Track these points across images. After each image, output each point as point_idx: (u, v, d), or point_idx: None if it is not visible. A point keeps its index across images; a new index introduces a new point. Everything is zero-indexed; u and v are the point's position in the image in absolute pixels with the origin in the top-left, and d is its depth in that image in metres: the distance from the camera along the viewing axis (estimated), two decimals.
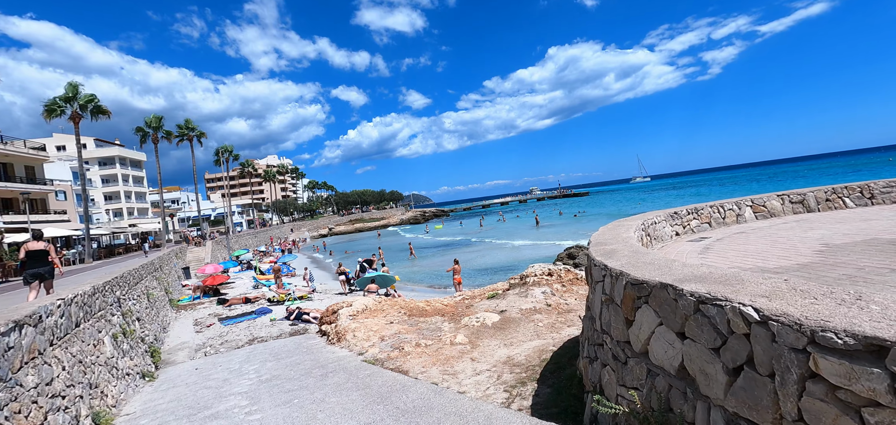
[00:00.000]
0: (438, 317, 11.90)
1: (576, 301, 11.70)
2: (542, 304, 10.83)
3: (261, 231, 78.42)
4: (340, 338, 10.75)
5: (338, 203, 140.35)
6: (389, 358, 8.29)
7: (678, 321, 2.68)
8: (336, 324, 11.92)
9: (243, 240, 63.51)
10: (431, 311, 12.78)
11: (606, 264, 3.70)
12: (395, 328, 10.49)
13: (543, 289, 11.79)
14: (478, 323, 9.57)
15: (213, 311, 21.36)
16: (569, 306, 11.07)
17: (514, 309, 10.58)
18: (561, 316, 10.27)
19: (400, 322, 11.50)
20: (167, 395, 9.18)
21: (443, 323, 10.49)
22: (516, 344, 8.29)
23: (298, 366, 9.22)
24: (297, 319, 17.45)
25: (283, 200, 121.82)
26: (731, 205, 8.78)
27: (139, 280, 16.31)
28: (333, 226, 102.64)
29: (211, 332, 17.35)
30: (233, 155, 63.65)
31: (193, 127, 52.32)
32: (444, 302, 14.45)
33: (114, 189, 67.35)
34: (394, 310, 12.96)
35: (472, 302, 14.14)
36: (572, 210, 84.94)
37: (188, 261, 42.60)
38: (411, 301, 15.01)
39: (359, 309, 12.95)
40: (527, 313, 10.27)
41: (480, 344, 8.51)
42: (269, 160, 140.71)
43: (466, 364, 7.50)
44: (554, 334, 8.90)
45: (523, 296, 11.50)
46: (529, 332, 9.03)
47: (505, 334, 9.01)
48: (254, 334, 16.38)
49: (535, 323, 9.54)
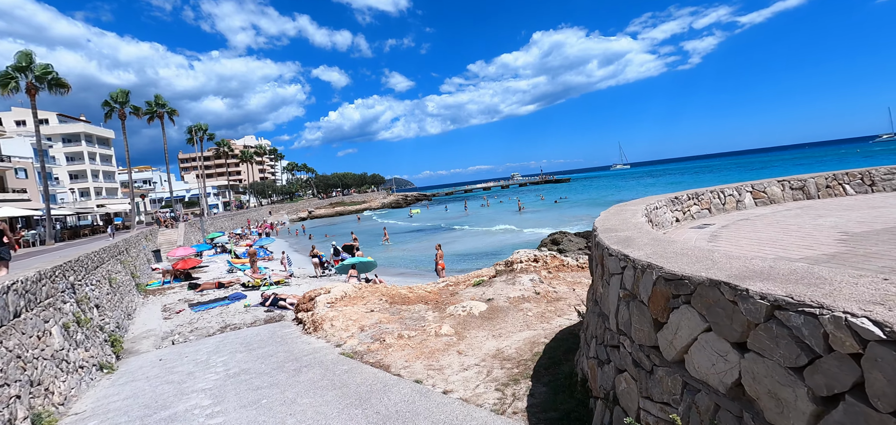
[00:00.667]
0: (422, 305, 11.30)
1: (565, 289, 11.25)
2: (531, 292, 10.34)
3: (237, 213, 76.24)
4: (317, 328, 10.06)
5: (318, 186, 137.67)
6: (369, 350, 7.65)
7: (736, 329, 2.12)
8: (313, 312, 11.20)
9: (219, 222, 61.52)
10: (414, 299, 12.17)
11: (627, 254, 3.12)
12: (375, 317, 9.85)
13: (531, 277, 11.30)
14: (464, 312, 9.00)
15: (183, 297, 20.33)
16: (558, 294, 10.61)
17: (502, 297, 10.05)
18: (550, 305, 9.79)
19: (381, 310, 10.85)
20: (124, 390, 8.37)
21: (427, 313, 9.89)
22: (505, 336, 7.76)
23: (270, 359, 8.51)
24: (273, 305, 16.66)
25: (261, 182, 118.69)
26: (732, 190, 8.37)
27: (100, 263, 15.20)
28: (313, 209, 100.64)
29: (180, 319, 16.41)
30: (207, 134, 61.22)
31: (164, 103, 49.99)
32: (428, 288, 13.85)
33: (79, 167, 64.14)
34: (375, 297, 12.30)
35: (457, 289, 13.58)
36: (554, 196, 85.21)
37: (159, 243, 40.88)
38: (393, 287, 14.38)
39: (337, 296, 12.24)
40: (515, 302, 9.76)
41: (467, 335, 7.94)
42: (247, 141, 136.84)
43: (453, 358, 6.93)
44: (544, 324, 8.40)
45: (511, 284, 10.98)
46: (519, 322, 8.52)
47: (493, 324, 8.47)
48: (226, 321, 15.54)
49: (525, 313, 9.03)
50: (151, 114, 49.72)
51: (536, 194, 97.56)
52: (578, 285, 11.88)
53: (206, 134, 61.05)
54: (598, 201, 70.16)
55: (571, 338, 7.13)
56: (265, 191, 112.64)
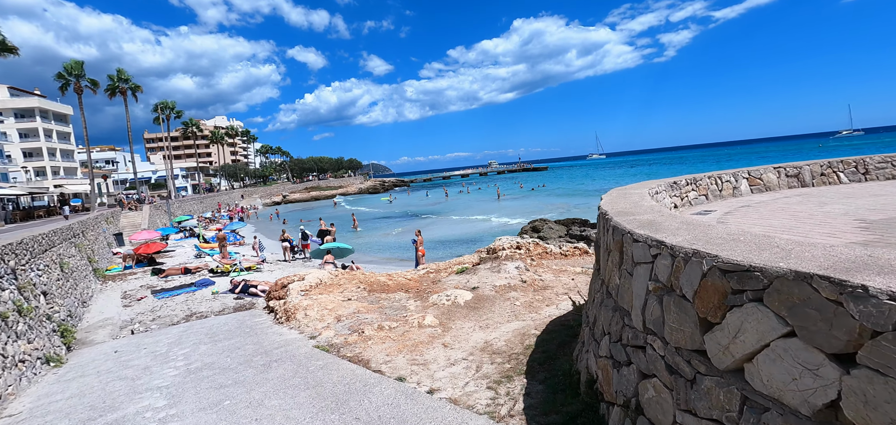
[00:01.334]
0: (402, 293, 10.71)
1: (551, 277, 10.84)
2: (517, 280, 9.88)
3: (207, 196, 73.53)
4: (290, 317, 9.34)
5: (293, 169, 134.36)
6: (347, 343, 7.02)
7: (839, 336, 1.63)
8: (285, 301, 10.46)
9: (188, 205, 59.10)
10: (394, 287, 11.56)
11: (661, 240, 2.61)
12: (353, 306, 9.20)
13: (517, 264, 10.84)
14: (448, 301, 8.45)
15: (146, 283, 19.13)
16: (544, 282, 10.19)
17: (487, 285, 9.55)
18: (538, 293, 9.36)
19: (359, 299, 10.21)
20: (70, 387, 7.50)
21: (408, 301, 9.31)
22: (493, 327, 7.26)
23: (237, 352, 7.78)
24: (243, 292, 15.77)
25: (233, 165, 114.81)
26: (729, 176, 8.06)
27: (49, 247, 13.96)
28: (288, 193, 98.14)
29: (141, 307, 15.36)
30: (175, 112, 58.30)
31: (127, 78, 47.22)
32: (408, 276, 13.26)
33: (34, 145, 60.22)
34: (352, 284, 11.64)
35: (439, 276, 13.04)
36: (532, 183, 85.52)
37: (122, 226, 38.80)
38: (371, 274, 13.73)
39: (312, 283, 11.52)
40: (501, 290, 9.28)
41: (453, 326, 7.41)
42: (218, 121, 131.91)
43: (438, 351, 6.38)
44: (533, 314, 7.95)
45: (496, 272, 10.51)
46: (506, 312, 8.04)
47: (479, 314, 7.97)
48: (192, 309, 14.61)
49: (512, 302, 8.56)
50: (113, 89, 46.92)
51: (514, 182, 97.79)
52: (563, 273, 11.51)
53: (174, 112, 58.15)
54: (576, 190, 70.71)
55: (564, 330, 6.69)
56: (237, 174, 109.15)
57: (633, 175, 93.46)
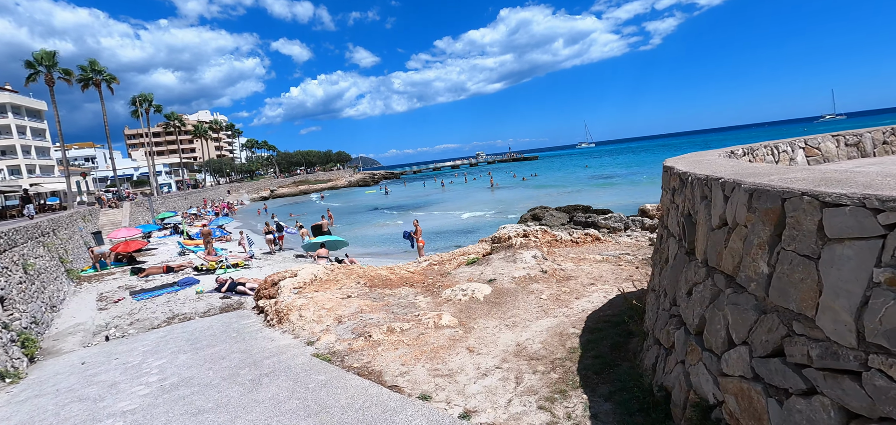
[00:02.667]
0: (408, 288, 9.63)
1: (571, 266, 9.84)
2: (537, 271, 8.87)
3: (192, 192, 71.34)
4: (282, 319, 8.20)
5: (280, 164, 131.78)
6: (352, 350, 5.93)
7: None
8: (277, 300, 9.30)
9: (171, 201, 57.08)
10: (397, 281, 10.47)
11: None
12: (355, 304, 8.09)
13: (534, 253, 9.82)
14: (465, 296, 7.40)
15: (124, 283, 17.78)
16: (566, 272, 9.19)
17: (505, 277, 8.51)
18: (562, 285, 8.35)
19: (360, 295, 9.10)
20: (20, 412, 6.30)
21: (417, 298, 8.23)
22: (522, 325, 6.23)
23: (221, 363, 6.64)
24: (230, 291, 14.57)
25: (218, 160, 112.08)
26: (785, 146, 7.14)
27: (9, 247, 12.58)
28: (276, 187, 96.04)
29: (118, 310, 14.07)
30: (154, 105, 56.01)
31: (101, 69, 45.04)
32: (411, 269, 12.18)
33: (7, 142, 57.53)
34: (350, 279, 10.51)
35: (445, 268, 11.98)
36: (524, 173, 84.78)
37: (101, 224, 37.00)
38: (370, 268, 12.60)
39: (306, 279, 10.37)
40: (521, 282, 8.25)
41: (475, 325, 6.36)
42: (201, 116, 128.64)
43: (464, 357, 5.33)
44: (564, 309, 6.93)
45: (511, 262, 9.47)
46: (532, 307, 7.01)
47: (503, 311, 6.93)
48: (174, 310, 13.38)
49: (537, 296, 7.53)
50: (86, 81, 44.73)
51: (507, 172, 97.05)
52: (583, 261, 10.52)
53: (152, 105, 55.87)
54: (570, 178, 70.08)
55: (610, 328, 5.67)
56: (223, 169, 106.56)
57: (624, 162, 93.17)
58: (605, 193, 40.82)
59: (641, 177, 56.61)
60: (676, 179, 3.80)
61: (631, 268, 9.46)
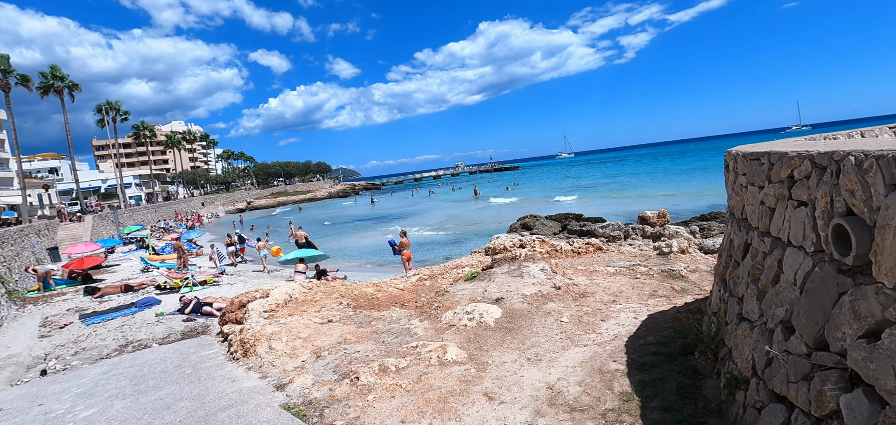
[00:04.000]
0: (398, 308, 8.30)
1: (583, 280, 8.69)
2: (548, 286, 7.68)
3: (163, 205, 68.22)
4: (248, 352, 6.77)
5: (257, 175, 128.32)
6: (334, 399, 4.58)
7: None
8: (243, 327, 7.85)
9: (140, 214, 54.17)
10: (386, 300, 9.12)
11: None
12: (336, 332, 6.73)
13: (541, 266, 8.63)
14: (472, 321, 6.13)
15: (75, 305, 15.89)
16: (581, 288, 8.02)
17: (514, 295, 7.29)
18: (579, 303, 7.18)
19: (343, 319, 7.73)
20: None
21: (412, 322, 6.92)
22: (548, 359, 5.01)
23: (164, 415, 5.19)
24: (195, 312, 13.01)
25: (192, 171, 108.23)
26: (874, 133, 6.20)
27: None
28: (253, 199, 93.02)
29: (63, 336, 12.33)
30: (122, 113, 53.18)
31: (63, 76, 42.46)
32: (399, 285, 10.85)
33: None
34: (331, 299, 9.12)
35: (438, 283, 10.70)
36: (506, 182, 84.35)
37: (60, 239, 34.40)
38: (353, 285, 11.20)
39: (278, 300, 8.93)
40: (534, 301, 7.04)
41: (489, 360, 5.10)
42: (174, 126, 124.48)
43: (483, 409, 4.06)
44: (592, 334, 5.74)
45: (517, 276, 8.27)
46: (555, 333, 5.80)
47: (520, 339, 5.69)
48: (128, 336, 11.76)
49: (556, 318, 6.33)
50: (46, 87, 42.06)
51: (489, 181, 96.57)
52: (595, 274, 9.39)
53: (121, 114, 53.07)
54: (552, 186, 69.72)
55: (664, 362, 4.49)
56: (197, 180, 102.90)
57: (604, 172, 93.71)
58: (591, 202, 40.22)
59: (624, 186, 56.52)
60: (806, 164, 2.63)
61: (652, 282, 8.37)
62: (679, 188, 44.95)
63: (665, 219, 15.63)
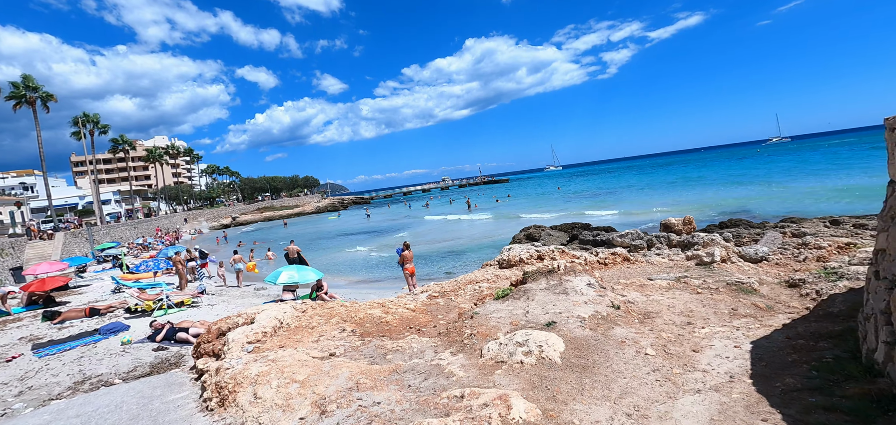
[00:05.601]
0: (415, 335, 6.72)
1: (639, 295, 7.21)
2: (604, 306, 6.19)
3: (144, 221, 65.43)
4: (226, 401, 5.11)
5: (243, 190, 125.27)
6: None
7: None
8: (221, 363, 6.16)
9: (118, 231, 51.52)
10: (398, 325, 7.52)
11: None
12: (344, 372, 5.12)
13: (587, 280, 7.14)
14: (528, 355, 4.59)
15: (31, 332, 13.92)
16: (639, 306, 6.54)
17: (569, 318, 5.77)
18: (645, 324, 5.70)
19: (349, 352, 6.12)
20: None
21: (440, 355, 5.35)
22: (657, 416, 3.50)
23: None
24: (168, 339, 11.24)
25: (175, 187, 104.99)
26: None
27: None
28: (238, 215, 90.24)
29: (9, 372, 10.42)
30: (99, 126, 50.76)
31: (35, 86, 40.19)
32: (409, 305, 9.23)
33: None
34: (331, 325, 7.48)
35: (456, 301, 9.13)
36: (498, 195, 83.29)
37: (27, 258, 31.98)
38: (353, 305, 9.52)
39: (267, 327, 7.25)
40: (597, 325, 5.53)
41: (574, 420, 3.57)
42: (157, 141, 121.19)
43: None
44: (694, 372, 4.24)
45: (560, 293, 6.77)
46: (644, 372, 4.30)
47: (602, 382, 4.17)
48: (86, 371, 9.94)
49: (635, 349, 4.83)
50: (18, 98, 39.75)
51: (478, 194, 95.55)
52: (644, 288, 7.93)
53: (98, 126, 50.66)
54: (545, 197, 68.79)
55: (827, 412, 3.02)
56: (180, 196, 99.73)
57: (594, 183, 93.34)
58: (592, 212, 39.06)
59: (619, 196, 55.71)
60: None
61: (720, 297, 6.93)
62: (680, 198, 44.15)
63: (691, 225, 14.35)
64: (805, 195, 34.47)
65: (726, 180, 56.39)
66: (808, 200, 31.48)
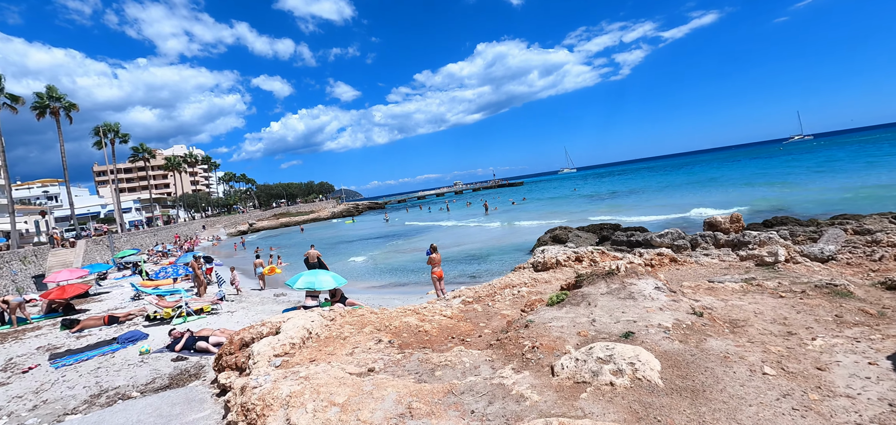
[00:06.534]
0: (462, 347, 5.95)
1: (715, 300, 6.31)
2: (685, 313, 5.33)
3: (163, 229, 66.05)
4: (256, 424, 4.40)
5: (259, 197, 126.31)
6: None
7: None
8: (246, 380, 5.47)
9: (138, 238, 51.96)
10: (439, 335, 6.75)
11: None
12: (391, 392, 4.36)
13: (655, 284, 6.28)
14: (619, 375, 3.77)
15: (49, 342, 13.52)
16: (718, 312, 5.66)
17: (650, 328, 4.92)
18: (740, 334, 4.82)
19: (390, 366, 5.37)
20: None
21: (502, 371, 4.56)
22: None
23: None
24: (188, 349, 10.65)
25: (193, 194, 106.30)
26: None
27: None
28: (255, 221, 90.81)
29: (24, 384, 9.95)
30: (120, 135, 51.32)
31: (60, 96, 40.69)
32: (445, 311, 8.45)
33: None
34: (364, 335, 6.74)
35: (494, 306, 8.32)
36: (514, 198, 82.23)
37: (49, 266, 32.11)
38: (383, 312, 8.76)
39: (294, 338, 6.54)
40: (685, 337, 4.68)
41: None
42: (176, 150, 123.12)
43: None
44: (837, 399, 3.38)
45: (626, 298, 5.93)
46: (772, 399, 3.45)
47: (725, 412, 3.34)
48: (103, 383, 9.40)
49: (750, 369, 3.96)
50: (42, 108, 40.28)
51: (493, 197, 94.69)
52: (713, 292, 7.02)
53: (119, 135, 51.23)
54: (563, 199, 67.43)
55: None
56: (198, 203, 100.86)
57: (612, 185, 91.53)
58: (612, 213, 37.83)
59: (640, 197, 54.20)
60: None
61: (811, 302, 5.99)
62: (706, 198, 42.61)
63: (740, 224, 13.29)
64: (843, 191, 32.78)
65: (751, 179, 54.47)
66: (848, 197, 29.89)
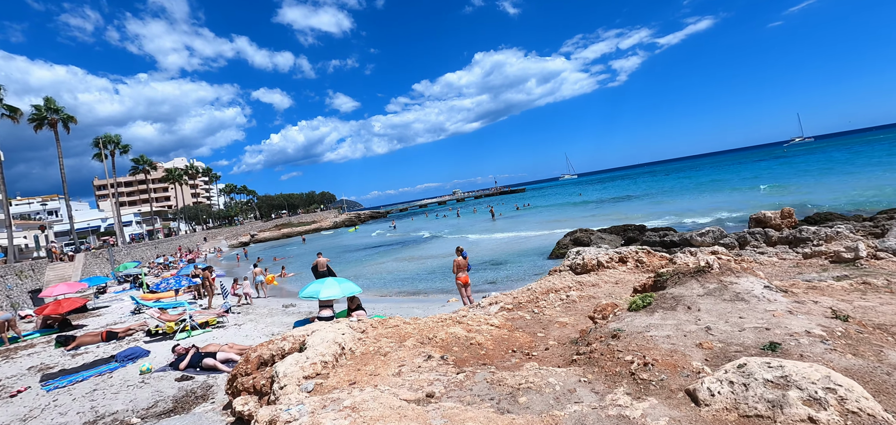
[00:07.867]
0: (530, 362, 4.87)
1: (844, 305, 5.24)
2: (827, 319, 4.25)
3: (164, 241, 64.94)
4: None
5: (261, 208, 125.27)
6: None
7: None
8: (277, 413, 4.36)
9: (139, 251, 50.84)
10: (494, 347, 5.66)
11: None
12: None
13: (763, 283, 5.21)
14: (823, 412, 2.71)
15: (42, 361, 12.43)
16: (865, 318, 4.58)
17: (794, 335, 3.84)
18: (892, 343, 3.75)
19: (452, 389, 4.29)
20: None
21: (615, 398, 3.48)
22: None
23: None
24: (194, 366, 9.55)
25: (194, 207, 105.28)
26: None
27: None
28: (256, 232, 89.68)
29: (11, 410, 8.89)
30: (120, 147, 50.37)
31: (58, 108, 39.80)
32: (491, 321, 7.35)
33: None
34: (407, 350, 5.65)
35: (541, 313, 7.24)
36: (519, 204, 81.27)
37: (47, 280, 31.00)
38: (418, 322, 7.62)
39: (325, 355, 5.43)
40: (860, 350, 3.60)
41: None
42: (176, 162, 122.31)
43: None
44: None
45: (734, 299, 4.85)
46: None
47: None
48: (99, 408, 8.36)
49: None
50: (40, 120, 39.38)
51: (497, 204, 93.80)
52: (817, 290, 5.93)
53: (119, 147, 50.30)
54: (563, 205, 66.35)
55: None
56: (199, 216, 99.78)
57: (614, 190, 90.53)
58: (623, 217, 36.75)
59: (651, 200, 53.15)
60: None
61: None
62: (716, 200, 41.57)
63: (791, 219, 12.21)
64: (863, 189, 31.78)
65: (763, 180, 53.44)
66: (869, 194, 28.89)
